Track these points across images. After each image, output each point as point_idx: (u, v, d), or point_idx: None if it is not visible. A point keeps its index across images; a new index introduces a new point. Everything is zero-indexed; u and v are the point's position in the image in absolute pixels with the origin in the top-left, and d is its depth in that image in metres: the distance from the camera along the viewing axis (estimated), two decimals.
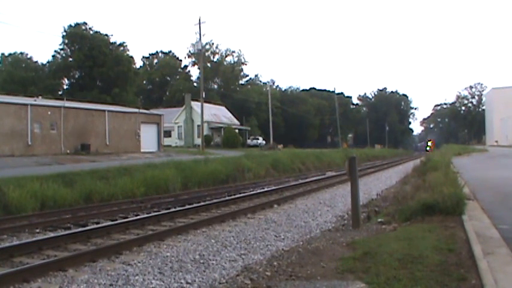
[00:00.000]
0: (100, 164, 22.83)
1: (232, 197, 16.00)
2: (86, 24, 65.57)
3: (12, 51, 72.54)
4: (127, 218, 12.06)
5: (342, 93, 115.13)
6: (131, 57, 68.79)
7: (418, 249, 6.46)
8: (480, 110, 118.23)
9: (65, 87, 67.30)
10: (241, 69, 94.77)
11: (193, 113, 56.24)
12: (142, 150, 37.69)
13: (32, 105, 30.89)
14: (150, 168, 19.82)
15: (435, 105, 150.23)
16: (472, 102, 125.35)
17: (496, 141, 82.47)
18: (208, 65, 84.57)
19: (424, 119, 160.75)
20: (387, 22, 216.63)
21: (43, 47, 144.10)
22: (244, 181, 23.23)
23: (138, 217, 11.71)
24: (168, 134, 55.48)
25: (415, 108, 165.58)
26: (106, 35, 65.34)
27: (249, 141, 64.40)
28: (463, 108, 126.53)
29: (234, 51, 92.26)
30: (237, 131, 59.04)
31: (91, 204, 14.44)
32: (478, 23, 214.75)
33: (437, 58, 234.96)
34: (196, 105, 53.03)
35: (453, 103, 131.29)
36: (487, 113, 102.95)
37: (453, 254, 6.24)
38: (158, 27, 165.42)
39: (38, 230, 10.65)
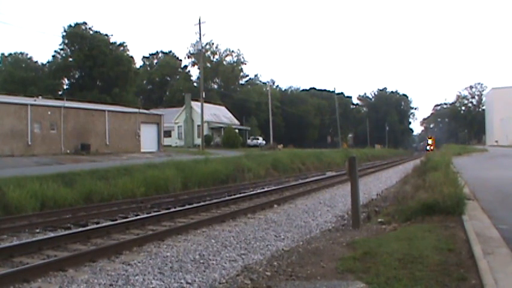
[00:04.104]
0: (100, 164, 22.83)
1: (232, 197, 16.00)
2: (86, 24, 65.64)
3: (12, 51, 72.77)
4: (127, 218, 12.07)
5: (342, 93, 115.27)
6: (131, 57, 68.89)
7: (418, 249, 6.46)
8: (480, 110, 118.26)
9: (65, 87, 67.29)
10: (241, 69, 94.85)
11: (193, 113, 56.24)
12: (142, 150, 37.70)
13: (32, 105, 30.91)
14: (150, 168, 19.82)
15: (435, 105, 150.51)
16: (472, 102, 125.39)
17: (496, 141, 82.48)
18: (208, 65, 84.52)
19: (424, 119, 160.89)
20: (387, 22, 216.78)
21: (43, 47, 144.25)
22: (244, 181, 23.23)
23: (138, 217, 11.71)
24: (168, 134, 55.47)
25: (415, 108, 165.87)
26: (106, 35, 65.41)
27: (249, 141, 64.38)
28: (463, 108, 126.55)
29: (233, 51, 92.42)
30: (237, 131, 59.01)
31: (91, 204, 14.43)
32: (478, 23, 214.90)
33: (437, 58, 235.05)
34: (196, 105, 53.03)
35: (453, 103, 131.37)
36: (487, 113, 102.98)
37: (453, 254, 6.24)
38: (158, 27, 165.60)
39: (38, 230, 10.65)
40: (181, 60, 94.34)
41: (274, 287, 5.57)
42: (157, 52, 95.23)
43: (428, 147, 75.43)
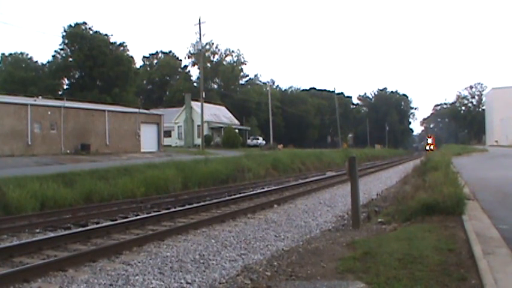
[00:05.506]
0: (100, 164, 22.82)
1: (232, 197, 16.00)
2: (86, 24, 65.60)
3: (12, 51, 72.65)
4: (127, 218, 12.07)
5: (342, 93, 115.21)
6: (131, 57, 68.87)
7: (418, 249, 6.46)
8: (480, 110, 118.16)
9: (65, 87, 67.27)
10: (241, 69, 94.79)
11: (193, 113, 56.23)
12: (142, 150, 37.69)
13: (32, 105, 30.91)
14: (150, 168, 19.82)
15: (435, 105, 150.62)
16: (472, 102, 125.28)
17: (496, 141, 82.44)
18: (208, 65, 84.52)
19: (424, 119, 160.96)
20: (387, 22, 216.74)
21: (43, 47, 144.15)
22: (244, 181, 23.22)
23: (138, 217, 11.71)
24: (168, 134, 55.45)
25: (415, 108, 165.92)
26: (106, 35, 65.37)
27: (249, 141, 64.36)
28: (463, 108, 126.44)
29: (233, 51, 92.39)
30: (237, 131, 58.99)
31: (91, 204, 14.43)
32: (478, 23, 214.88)
33: (437, 58, 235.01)
34: (196, 105, 53.03)
35: (453, 103, 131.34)
36: (487, 113, 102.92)
37: (453, 254, 6.24)
38: (158, 27, 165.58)
39: (38, 230, 10.65)
40: (181, 60, 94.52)
41: (274, 287, 5.57)
42: (157, 52, 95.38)
43: (428, 147, 74.89)
